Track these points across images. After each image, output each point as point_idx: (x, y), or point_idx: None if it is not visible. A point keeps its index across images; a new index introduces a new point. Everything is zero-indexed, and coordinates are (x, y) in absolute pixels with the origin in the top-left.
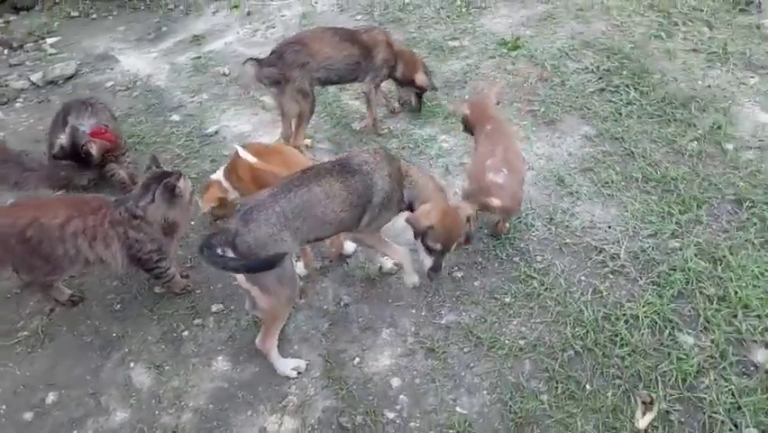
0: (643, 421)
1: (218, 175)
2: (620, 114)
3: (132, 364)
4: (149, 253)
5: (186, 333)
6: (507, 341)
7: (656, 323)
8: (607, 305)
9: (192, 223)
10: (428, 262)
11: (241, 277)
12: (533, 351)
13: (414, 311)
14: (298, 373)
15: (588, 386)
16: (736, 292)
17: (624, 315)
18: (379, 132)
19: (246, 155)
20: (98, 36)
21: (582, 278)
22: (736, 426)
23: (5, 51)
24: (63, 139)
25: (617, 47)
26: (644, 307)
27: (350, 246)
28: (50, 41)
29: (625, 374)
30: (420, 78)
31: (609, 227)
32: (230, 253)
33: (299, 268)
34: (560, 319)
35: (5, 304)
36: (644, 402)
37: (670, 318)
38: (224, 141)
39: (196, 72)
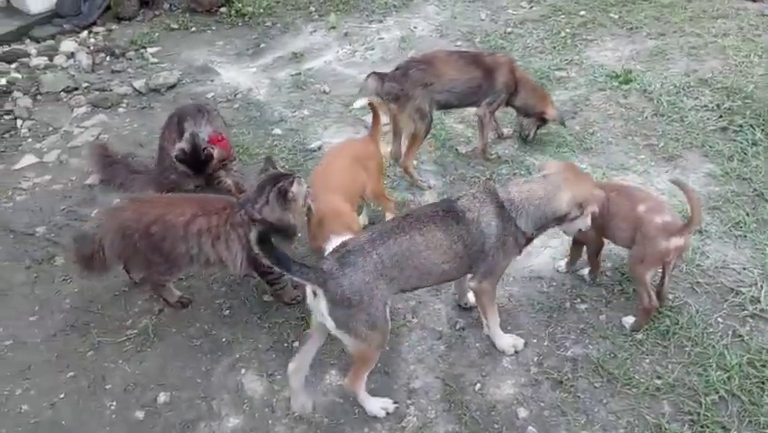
0: None
1: None
2: (746, 154)
3: (243, 371)
4: None
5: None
6: (642, 379)
7: None
8: (750, 350)
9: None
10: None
11: (330, 324)
12: (671, 392)
13: (536, 341)
14: (387, 413)
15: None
16: None
17: None
18: (488, 157)
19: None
20: (198, 49)
21: (719, 320)
22: None
23: (108, 58)
24: (183, 144)
25: (737, 86)
26: None
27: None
28: (150, 50)
29: None
30: (551, 114)
31: (744, 269)
32: (320, 296)
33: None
34: (698, 361)
35: (114, 302)
36: None
37: None
38: None
39: (296, 88)
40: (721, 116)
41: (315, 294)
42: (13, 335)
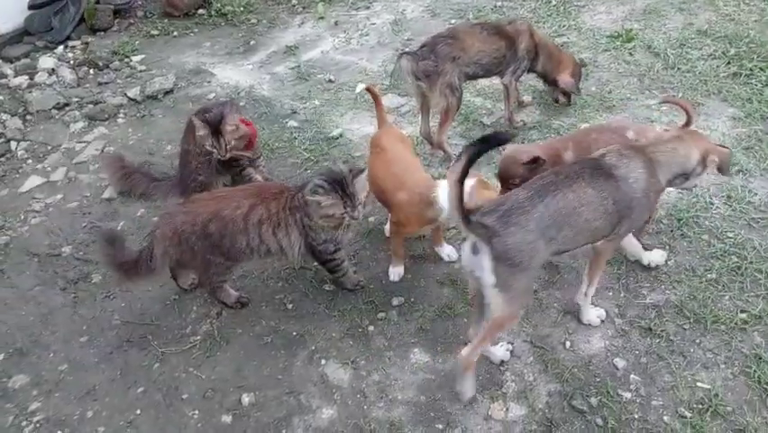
0: None
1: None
2: (762, 95)
3: (323, 361)
4: (324, 244)
5: (371, 328)
6: (727, 315)
7: None
8: None
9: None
10: None
11: (490, 280)
12: (759, 323)
13: (611, 294)
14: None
15: None
16: None
17: None
18: (515, 125)
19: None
20: (185, 52)
21: None
22: None
23: (92, 71)
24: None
25: (736, 34)
26: None
27: None
28: (135, 58)
29: None
30: (564, 80)
31: None
32: (484, 251)
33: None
34: None
35: (167, 311)
36: None
37: None
38: (350, 143)
39: (300, 81)
40: (729, 63)
41: (475, 250)
42: (67, 358)
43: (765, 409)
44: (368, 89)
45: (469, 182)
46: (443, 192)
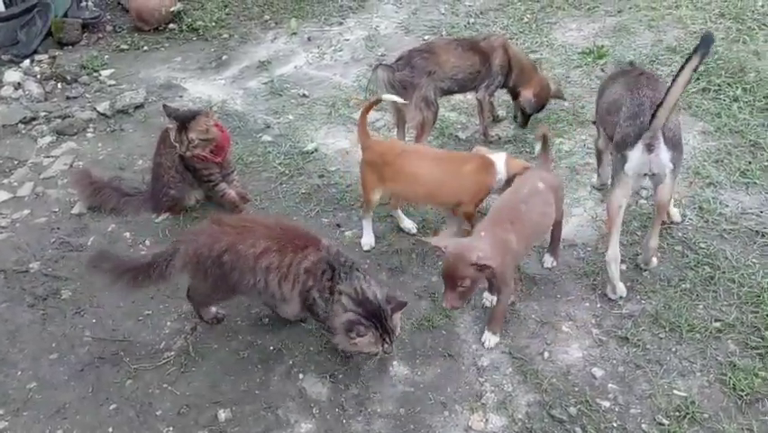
0: None
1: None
2: (730, 110)
3: (301, 376)
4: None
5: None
6: (702, 324)
7: None
8: None
9: None
10: None
11: (668, 167)
12: (733, 331)
13: (588, 304)
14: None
15: None
16: None
17: None
18: (490, 139)
19: None
20: (155, 67)
21: (755, 260)
22: None
23: (60, 85)
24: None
25: None
26: None
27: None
28: (105, 73)
29: None
30: (524, 95)
31: (762, 212)
32: (662, 145)
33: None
34: (749, 300)
35: (139, 328)
36: None
37: None
38: (325, 157)
39: (273, 96)
40: (698, 78)
41: (650, 150)
42: (36, 376)
43: (741, 415)
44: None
45: (500, 157)
46: (500, 160)
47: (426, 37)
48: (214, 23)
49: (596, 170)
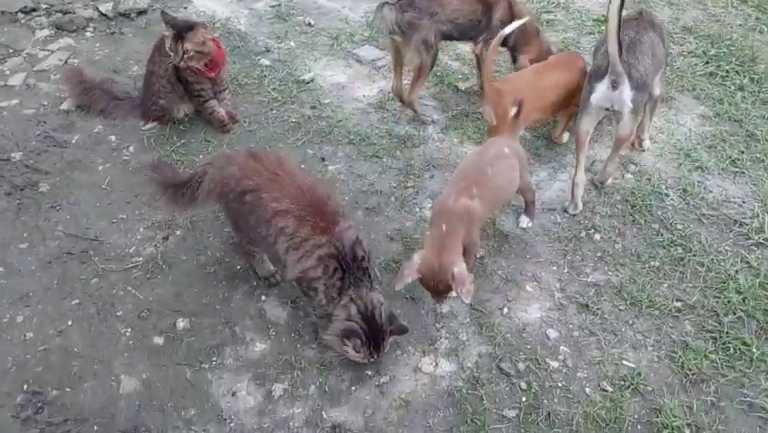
0: None
1: None
2: (733, 98)
3: (263, 298)
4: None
5: None
6: (663, 302)
7: None
8: (760, 275)
9: None
10: None
11: (628, 107)
12: (691, 312)
13: (555, 268)
14: None
15: (755, 349)
16: None
17: None
18: None
19: None
20: None
21: (727, 248)
22: None
23: None
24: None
25: (719, 35)
26: None
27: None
28: None
29: None
30: (521, 61)
31: (744, 202)
32: (626, 84)
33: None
34: (714, 285)
35: (112, 230)
36: None
37: None
38: (320, 89)
39: (278, 20)
40: (708, 62)
41: (614, 86)
42: (3, 262)
43: (684, 392)
44: None
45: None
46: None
47: None
48: None
49: None
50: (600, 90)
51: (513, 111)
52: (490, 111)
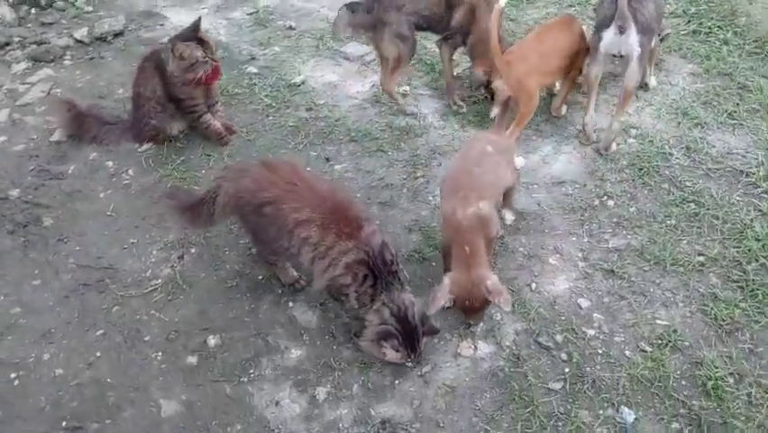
0: None
1: None
2: (720, 52)
3: (290, 304)
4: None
5: None
6: (685, 258)
7: None
8: None
9: None
10: None
11: (636, 51)
12: (715, 265)
13: (575, 239)
14: None
15: None
16: None
17: None
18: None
19: None
20: None
21: (739, 198)
22: None
23: (33, 11)
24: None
25: None
26: None
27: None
28: None
29: None
30: (475, 69)
31: (747, 153)
32: (632, 28)
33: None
34: (732, 236)
35: (125, 256)
36: None
37: None
38: (313, 90)
39: (259, 27)
40: (689, 21)
41: (621, 31)
42: (19, 302)
43: (721, 343)
44: None
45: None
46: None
47: None
48: None
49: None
50: (608, 37)
51: (496, 110)
52: (502, 84)
